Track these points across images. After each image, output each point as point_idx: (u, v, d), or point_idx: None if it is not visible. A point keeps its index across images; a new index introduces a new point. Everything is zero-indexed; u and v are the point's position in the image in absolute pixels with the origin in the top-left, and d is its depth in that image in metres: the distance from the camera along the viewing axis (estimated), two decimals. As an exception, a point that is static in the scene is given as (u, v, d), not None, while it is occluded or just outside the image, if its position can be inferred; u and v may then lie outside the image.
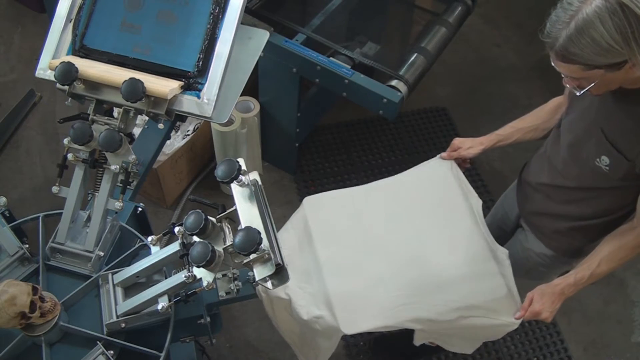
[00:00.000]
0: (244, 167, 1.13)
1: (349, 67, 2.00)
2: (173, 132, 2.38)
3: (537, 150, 1.60)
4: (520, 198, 1.63)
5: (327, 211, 1.54)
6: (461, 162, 1.65)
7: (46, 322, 1.15)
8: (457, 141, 1.64)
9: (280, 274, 1.08)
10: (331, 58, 2.02)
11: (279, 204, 2.56)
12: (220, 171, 1.11)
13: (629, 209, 1.34)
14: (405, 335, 1.53)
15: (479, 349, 2.23)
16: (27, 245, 1.29)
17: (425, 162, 1.67)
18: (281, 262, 1.06)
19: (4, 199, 1.32)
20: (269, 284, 1.07)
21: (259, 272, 1.07)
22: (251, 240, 1.02)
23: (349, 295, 1.37)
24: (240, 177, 1.11)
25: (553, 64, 1.15)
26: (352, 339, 2.21)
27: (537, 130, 1.58)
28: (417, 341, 1.50)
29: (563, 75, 1.17)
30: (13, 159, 2.63)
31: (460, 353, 1.98)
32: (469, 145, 1.61)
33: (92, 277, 1.27)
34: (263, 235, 1.06)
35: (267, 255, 1.06)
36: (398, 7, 2.78)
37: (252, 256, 1.05)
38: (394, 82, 1.96)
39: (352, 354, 2.19)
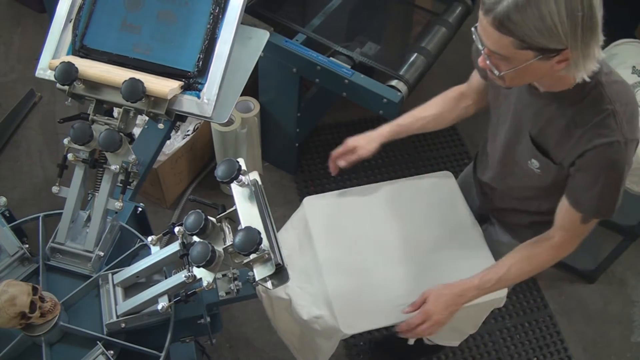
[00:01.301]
0: (244, 167, 1.13)
1: (349, 67, 2.00)
2: (173, 132, 2.38)
3: (483, 145, 1.54)
4: (479, 196, 1.58)
5: (327, 211, 1.54)
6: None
7: (46, 322, 1.15)
8: (350, 141, 1.53)
9: (280, 274, 1.08)
10: (331, 58, 2.02)
11: (279, 204, 2.56)
12: (220, 171, 1.11)
13: None
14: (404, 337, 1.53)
15: (479, 348, 2.23)
16: (27, 245, 1.29)
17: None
18: (281, 262, 1.06)
19: (4, 199, 1.32)
20: (269, 284, 1.07)
21: (259, 272, 1.07)
22: (251, 240, 1.02)
23: (349, 295, 1.37)
24: (240, 177, 1.11)
25: (477, 36, 1.05)
26: (352, 339, 2.21)
27: (440, 118, 1.50)
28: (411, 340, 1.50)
29: (483, 53, 1.07)
30: (13, 159, 2.63)
31: (449, 346, 1.96)
32: (366, 142, 1.51)
33: (92, 277, 1.27)
34: (263, 235, 1.06)
35: (267, 255, 1.06)
36: (398, 7, 2.78)
37: (252, 256, 1.05)
38: (394, 82, 1.96)
39: (352, 354, 2.19)
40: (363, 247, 1.47)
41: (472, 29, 1.07)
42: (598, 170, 1.14)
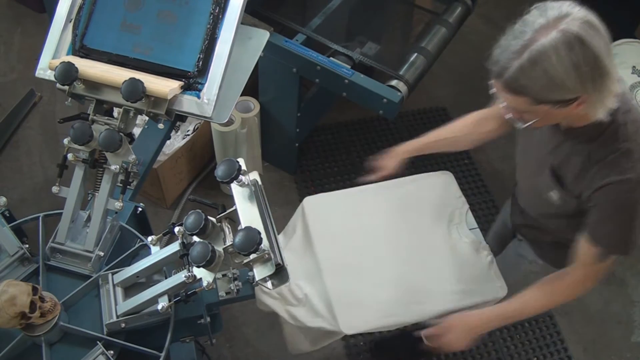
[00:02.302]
0: (244, 167, 1.13)
1: (349, 67, 2.00)
2: (173, 132, 2.38)
3: None
4: (512, 211, 1.62)
5: (327, 211, 1.54)
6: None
7: (46, 322, 1.14)
8: (380, 162, 1.56)
9: (280, 274, 1.08)
10: (331, 58, 2.02)
11: (279, 204, 2.56)
12: (220, 171, 1.11)
13: None
14: (404, 338, 1.53)
15: (479, 348, 2.23)
16: (27, 245, 1.29)
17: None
18: (281, 262, 1.06)
19: (4, 199, 1.32)
20: (269, 284, 1.07)
21: (259, 272, 1.07)
22: (251, 240, 1.02)
23: (349, 295, 1.38)
24: (240, 177, 1.11)
25: (493, 93, 1.09)
26: (352, 339, 2.21)
27: (458, 143, 1.54)
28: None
29: (504, 107, 1.12)
30: (13, 159, 2.63)
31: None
32: (391, 162, 1.54)
33: (92, 277, 1.27)
34: (263, 235, 1.06)
35: (267, 255, 1.06)
36: (398, 7, 2.78)
37: (252, 256, 1.05)
38: (394, 82, 1.96)
39: (352, 354, 2.19)
40: (363, 247, 1.47)
41: (489, 83, 1.10)
42: (610, 207, 1.15)
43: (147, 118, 1.30)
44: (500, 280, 1.44)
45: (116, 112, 1.32)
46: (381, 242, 1.48)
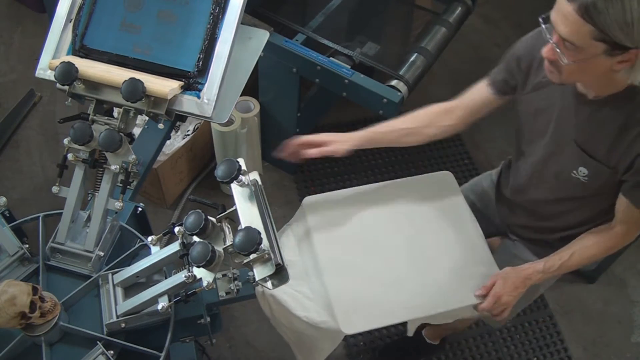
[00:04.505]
0: (244, 167, 1.13)
1: (349, 67, 2.00)
2: (173, 132, 2.38)
3: (507, 164, 1.57)
4: (502, 211, 1.60)
5: (327, 211, 1.54)
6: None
7: (46, 322, 1.15)
8: (325, 136, 1.44)
9: (280, 274, 1.08)
10: (331, 58, 2.02)
11: (279, 204, 2.56)
12: (220, 171, 1.11)
13: (612, 214, 1.32)
14: (406, 339, 1.52)
15: (479, 348, 2.23)
16: (27, 245, 1.29)
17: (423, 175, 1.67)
18: (281, 262, 1.07)
19: (4, 199, 1.32)
20: (269, 284, 1.08)
21: (259, 272, 1.07)
22: (251, 240, 1.02)
23: (349, 295, 1.37)
24: (240, 177, 1.11)
25: (548, 26, 1.08)
26: (352, 339, 2.21)
27: (417, 134, 1.49)
28: (411, 332, 1.50)
29: (552, 42, 1.09)
30: (13, 159, 2.63)
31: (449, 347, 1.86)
32: (340, 140, 1.43)
33: (92, 277, 1.27)
34: (263, 235, 1.06)
35: (267, 255, 1.06)
36: (398, 7, 2.78)
37: (252, 256, 1.05)
38: (394, 82, 1.96)
39: (352, 354, 2.19)
40: (363, 247, 1.47)
41: (540, 19, 1.09)
42: None
43: (147, 118, 1.30)
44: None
45: (116, 112, 1.32)
46: (381, 242, 1.48)
